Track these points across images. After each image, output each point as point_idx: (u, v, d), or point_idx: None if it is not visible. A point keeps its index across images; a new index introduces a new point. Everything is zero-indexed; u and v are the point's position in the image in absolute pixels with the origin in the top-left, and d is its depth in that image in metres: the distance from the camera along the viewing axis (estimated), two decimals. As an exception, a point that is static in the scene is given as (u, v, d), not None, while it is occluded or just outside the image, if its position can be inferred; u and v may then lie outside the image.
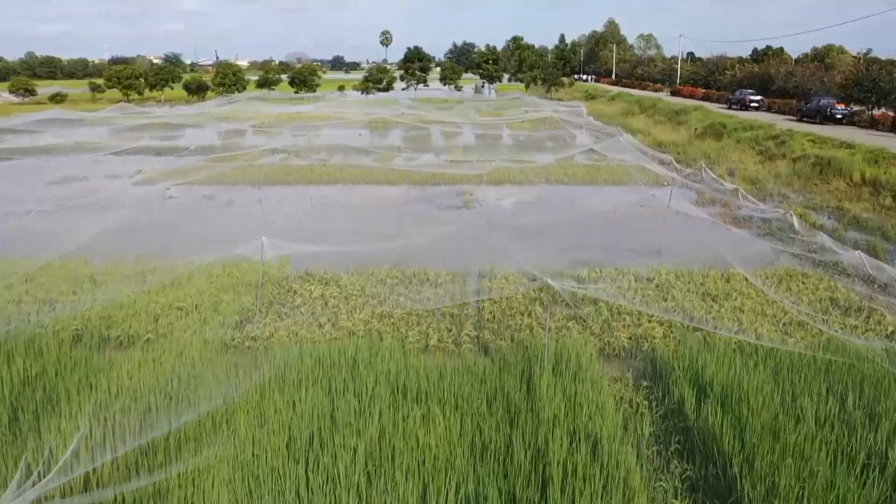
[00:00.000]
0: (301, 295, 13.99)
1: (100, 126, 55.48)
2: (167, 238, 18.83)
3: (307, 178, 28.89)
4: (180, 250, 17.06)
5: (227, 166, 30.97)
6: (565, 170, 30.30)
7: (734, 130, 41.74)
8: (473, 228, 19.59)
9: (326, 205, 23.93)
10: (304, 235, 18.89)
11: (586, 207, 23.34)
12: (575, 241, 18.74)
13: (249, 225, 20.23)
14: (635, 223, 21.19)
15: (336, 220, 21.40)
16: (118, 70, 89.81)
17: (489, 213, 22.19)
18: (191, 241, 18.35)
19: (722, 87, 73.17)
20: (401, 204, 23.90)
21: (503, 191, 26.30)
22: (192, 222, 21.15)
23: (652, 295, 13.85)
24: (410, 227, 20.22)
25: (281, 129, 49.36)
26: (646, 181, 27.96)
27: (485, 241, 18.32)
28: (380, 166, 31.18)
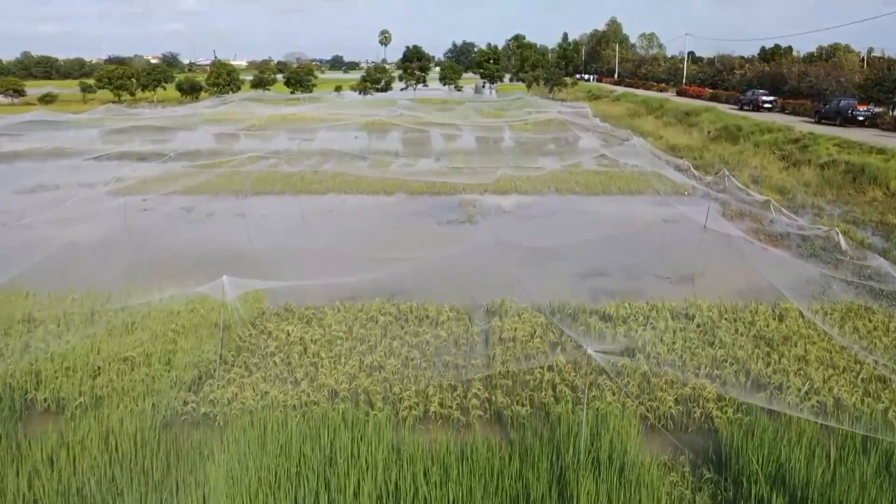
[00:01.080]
0: (276, 338, 11.72)
1: (85, 128, 53.22)
2: (130, 262, 16.55)
3: (296, 187, 26.62)
4: (142, 278, 14.81)
5: (212, 174, 28.71)
6: (575, 177, 28.04)
7: (751, 133, 39.48)
8: (478, 250, 17.32)
9: (314, 218, 21.66)
10: (286, 258, 16.67)
11: (603, 222, 21.06)
12: (594, 265, 16.47)
13: (226, 244, 17.97)
14: (659, 241, 18.92)
15: (323, 237, 19.12)
16: (109, 70, 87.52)
17: (495, 229, 19.93)
18: (155, 266, 16.07)
19: (730, 87, 70.91)
20: (397, 217, 21.63)
21: (509, 202, 24.05)
22: (161, 241, 18.84)
23: (696, 340, 11.57)
24: (407, 246, 17.96)
25: (272, 131, 47.08)
26: (664, 190, 25.73)
27: (492, 266, 16.05)
28: (375, 174, 28.92)
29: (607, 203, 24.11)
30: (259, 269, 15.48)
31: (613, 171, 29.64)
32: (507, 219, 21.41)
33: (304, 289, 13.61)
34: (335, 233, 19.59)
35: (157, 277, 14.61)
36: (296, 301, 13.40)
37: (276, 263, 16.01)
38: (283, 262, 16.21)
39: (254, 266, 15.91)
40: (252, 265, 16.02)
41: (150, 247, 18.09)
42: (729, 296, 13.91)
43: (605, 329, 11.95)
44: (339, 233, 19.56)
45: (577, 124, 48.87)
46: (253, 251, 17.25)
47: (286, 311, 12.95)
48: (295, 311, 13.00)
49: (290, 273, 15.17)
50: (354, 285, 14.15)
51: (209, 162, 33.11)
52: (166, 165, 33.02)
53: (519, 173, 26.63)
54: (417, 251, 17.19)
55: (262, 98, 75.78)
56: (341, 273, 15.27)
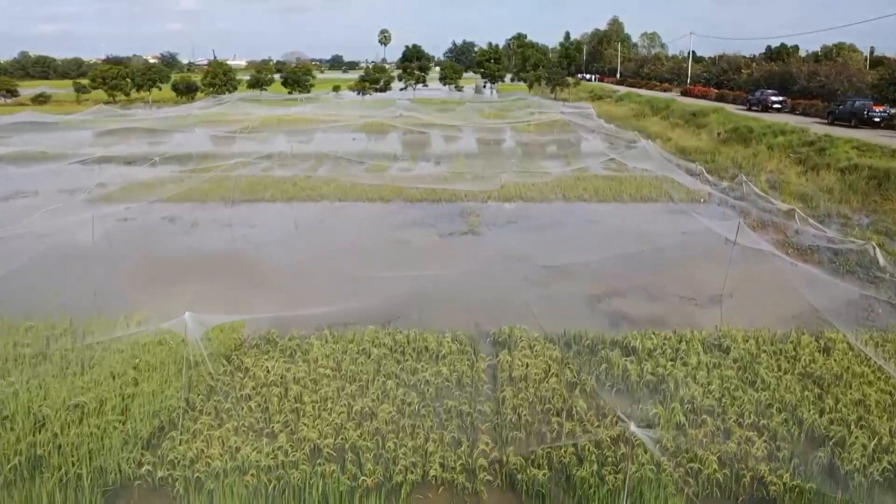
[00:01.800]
0: (254, 376, 10.24)
1: (75, 130, 51.67)
2: (100, 282, 15.07)
3: (288, 194, 25.13)
4: (109, 302, 13.36)
5: (200, 179, 27.24)
6: (583, 182, 26.55)
7: (763, 135, 37.95)
8: (483, 266, 15.84)
9: (305, 230, 20.18)
10: (271, 276, 15.18)
11: (616, 233, 19.56)
12: (610, 284, 14.97)
13: (207, 262, 16.48)
14: (680, 255, 17.42)
15: (314, 251, 17.62)
16: (104, 70, 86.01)
17: (500, 241, 18.43)
18: (127, 287, 14.60)
19: (737, 87, 69.38)
20: (395, 228, 20.14)
21: (514, 210, 22.56)
22: (135, 258, 17.34)
23: (734, 380, 10.08)
24: (405, 261, 16.50)
25: (267, 133, 45.58)
26: (678, 197, 24.26)
27: (498, 287, 14.59)
28: (372, 180, 27.45)
29: (619, 211, 22.61)
30: (241, 291, 14.09)
31: (623, 176, 28.15)
32: (512, 229, 19.92)
33: (288, 316, 12.15)
34: (327, 246, 18.08)
35: (125, 301, 13.14)
36: (279, 329, 11.92)
37: (259, 283, 14.55)
38: (268, 281, 14.74)
39: (235, 287, 14.49)
40: (233, 286, 14.60)
41: (124, 265, 16.57)
42: (764, 321, 12.44)
43: (629, 365, 10.47)
44: (331, 246, 18.05)
45: (581, 125, 47.37)
46: (235, 270, 15.78)
47: (267, 343, 11.47)
48: (277, 341, 11.52)
49: (275, 295, 13.74)
50: (346, 310, 12.71)
51: (199, 166, 31.66)
52: (154, 170, 31.56)
53: (524, 180, 25.12)
54: (416, 267, 15.74)
55: (258, 98, 74.33)
56: (332, 294, 13.83)
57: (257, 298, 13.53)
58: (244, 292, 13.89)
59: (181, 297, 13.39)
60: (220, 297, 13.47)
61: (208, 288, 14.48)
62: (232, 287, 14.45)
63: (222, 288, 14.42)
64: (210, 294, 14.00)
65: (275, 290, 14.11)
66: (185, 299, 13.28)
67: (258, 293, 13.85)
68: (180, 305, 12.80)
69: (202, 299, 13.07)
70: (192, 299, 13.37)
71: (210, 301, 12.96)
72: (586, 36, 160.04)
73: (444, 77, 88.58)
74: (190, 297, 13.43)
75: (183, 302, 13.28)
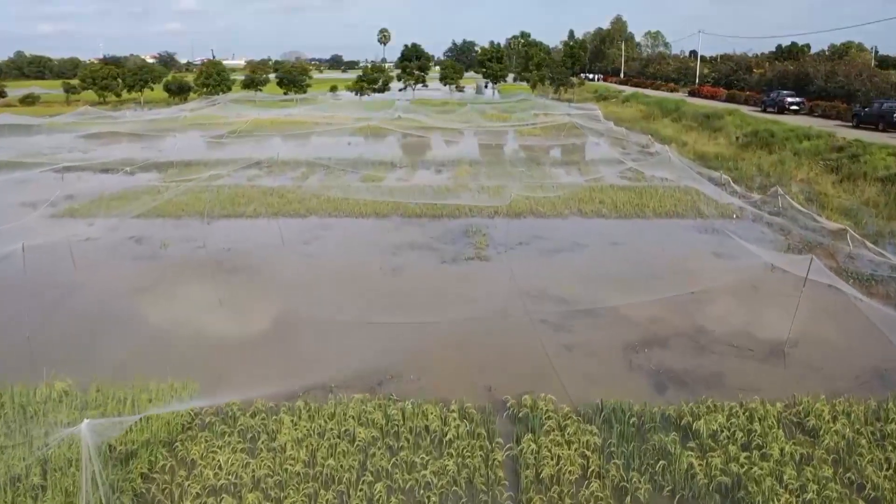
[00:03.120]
0: (199, 478, 7.77)
1: (57, 133, 49.17)
2: (32, 332, 12.59)
3: (273, 208, 22.65)
4: (29, 368, 10.89)
5: (178, 190, 24.74)
6: (599, 194, 24.08)
7: (786, 140, 35.48)
8: (494, 305, 13.38)
9: (287, 254, 17.68)
10: (238, 322, 12.69)
11: (644, 258, 17.07)
12: (648, 329, 12.50)
13: (166, 303, 13.97)
14: (722, 286, 14.92)
15: (292, 286, 15.12)
16: (94, 70, 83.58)
17: (512, 269, 15.93)
18: (59, 341, 12.14)
19: (748, 87, 66.94)
20: (390, 251, 17.64)
21: (526, 228, 20.06)
22: (83, 296, 14.81)
23: (837, 489, 7.60)
24: (400, 298, 14.03)
25: (256, 137, 43.08)
26: (707, 212, 21.81)
27: (513, 335, 12.12)
28: (367, 191, 25.01)
29: (643, 230, 20.13)
30: (190, 352, 11.58)
31: (642, 187, 25.69)
32: (524, 254, 17.41)
33: (254, 377, 9.71)
34: (308, 278, 15.56)
35: (53, 364, 10.67)
36: (241, 396, 9.46)
37: (223, 333, 12.05)
38: (228, 337, 12.16)
39: (193, 336, 12.02)
40: (191, 335, 12.13)
41: (64, 307, 14.05)
42: (847, 383, 10.00)
43: (693, 461, 8.00)
44: (314, 277, 15.54)
45: (589, 128, 44.88)
46: (199, 310, 13.29)
47: (223, 421, 8.99)
48: (238, 417, 9.05)
49: (234, 357, 11.22)
50: (328, 363, 10.30)
51: (180, 175, 29.19)
52: (131, 179, 29.14)
53: (535, 194, 22.62)
54: (414, 306, 13.30)
55: (252, 99, 71.86)
56: (309, 349, 11.39)
57: (214, 360, 11.06)
58: (193, 354, 11.34)
59: (123, 359, 10.96)
60: (157, 363, 10.81)
61: (153, 350, 11.90)
62: (189, 337, 11.96)
63: (174, 343, 11.88)
64: (157, 352, 11.53)
65: (235, 348, 11.56)
66: (129, 363, 10.88)
67: (213, 356, 11.33)
68: (121, 367, 10.41)
69: (127, 368, 10.61)
70: (138, 362, 10.97)
71: (143, 367, 10.48)
72: (588, 35, 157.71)
73: (445, 77, 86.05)
74: (135, 361, 11.02)
75: (127, 360, 10.89)
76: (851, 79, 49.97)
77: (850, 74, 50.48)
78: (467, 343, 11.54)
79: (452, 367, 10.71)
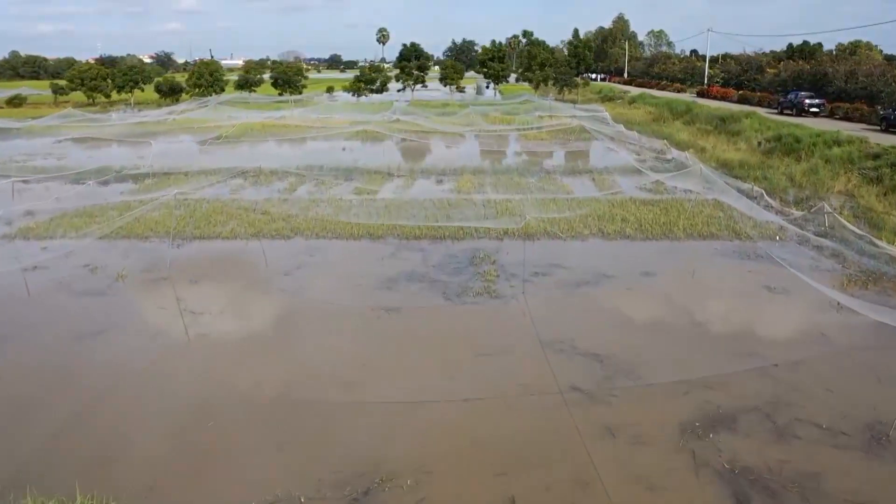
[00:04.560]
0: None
1: (38, 137, 46.70)
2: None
3: (254, 227, 20.06)
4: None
5: (151, 206, 22.14)
6: (620, 210, 21.52)
7: (813, 146, 32.87)
8: (511, 363, 10.81)
9: (263, 286, 15.10)
10: (171, 416, 10.09)
11: (684, 295, 14.50)
12: (703, 397, 9.91)
13: (90, 374, 11.38)
14: (784, 336, 12.35)
15: (262, 337, 12.55)
16: (82, 70, 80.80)
17: (529, 311, 13.33)
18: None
19: (760, 87, 64.37)
20: (384, 285, 15.06)
21: (541, 252, 17.47)
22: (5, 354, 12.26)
23: None
24: (395, 357, 11.44)
25: (245, 142, 40.50)
26: (745, 231, 19.24)
27: (539, 410, 9.54)
28: (360, 206, 22.46)
29: (676, 255, 17.55)
30: (130, 424, 9.03)
31: (665, 201, 23.12)
32: (542, 288, 14.81)
33: (196, 490, 7.14)
34: (283, 331, 12.90)
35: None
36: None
37: (157, 425, 9.45)
38: (172, 417, 9.63)
39: (119, 425, 9.45)
40: (113, 423, 9.57)
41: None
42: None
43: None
44: (288, 331, 12.87)
45: (599, 132, 42.30)
46: (129, 383, 10.70)
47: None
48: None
49: (174, 454, 8.65)
50: (293, 470, 7.73)
51: (155, 187, 26.62)
52: (102, 191, 26.60)
53: (550, 214, 20.04)
54: (410, 373, 10.71)
55: (244, 101, 69.22)
56: (271, 436, 8.82)
57: (142, 466, 8.49)
58: (117, 452, 8.77)
59: (34, 451, 8.40)
60: (59, 471, 8.34)
61: (46, 450, 9.42)
62: (91, 440, 9.38)
63: (71, 445, 9.31)
64: (42, 466, 8.96)
65: (169, 449, 8.98)
66: (42, 462, 8.35)
67: (141, 460, 8.75)
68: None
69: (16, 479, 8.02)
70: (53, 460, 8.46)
71: (41, 475, 7.90)
72: (590, 34, 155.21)
73: (445, 77, 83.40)
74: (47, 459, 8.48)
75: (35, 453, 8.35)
76: (874, 79, 47.39)
77: (873, 75, 47.91)
78: (480, 427, 8.97)
79: (462, 466, 8.14)
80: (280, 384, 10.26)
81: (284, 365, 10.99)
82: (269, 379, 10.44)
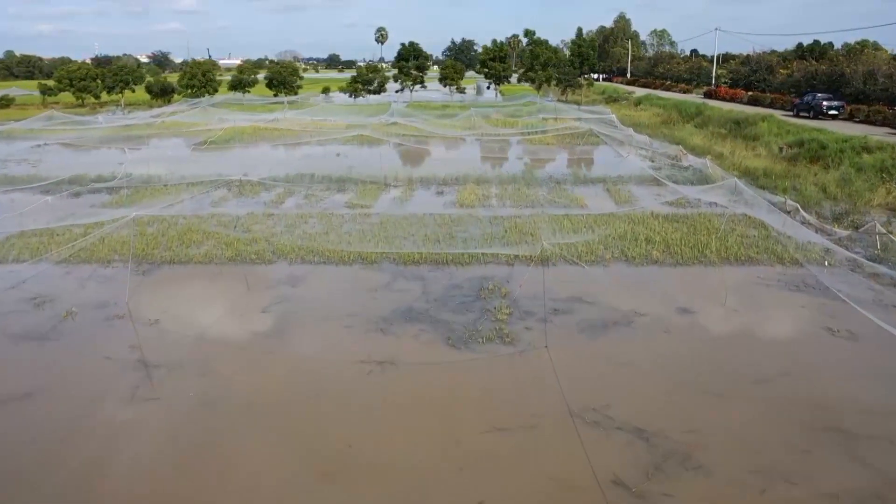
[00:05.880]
0: None
1: (18, 141, 44.45)
2: None
3: (232, 249, 17.76)
4: None
5: (122, 222, 19.85)
6: (643, 228, 19.28)
7: (840, 152, 30.64)
8: (537, 447, 8.55)
9: (233, 332, 12.81)
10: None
11: (732, 339, 12.23)
12: (789, 498, 7.67)
13: (19, 434, 9.11)
14: (866, 401, 10.08)
15: (222, 411, 10.27)
16: (71, 70, 78.38)
17: (555, 364, 11.05)
18: None
19: (772, 88, 62.16)
20: (376, 326, 12.78)
21: (558, 282, 15.16)
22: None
23: None
24: (385, 433, 9.17)
25: (232, 148, 38.20)
26: (787, 255, 16.99)
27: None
28: (353, 222, 20.19)
29: (711, 285, 15.26)
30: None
31: (690, 217, 20.87)
32: (564, 331, 12.53)
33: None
34: (249, 401, 10.57)
35: None
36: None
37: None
38: None
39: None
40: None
41: None
42: None
43: None
44: (256, 404, 10.55)
45: (608, 136, 39.98)
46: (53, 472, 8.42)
47: None
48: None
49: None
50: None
51: (131, 198, 24.35)
52: (72, 204, 24.35)
53: (566, 239, 17.76)
54: (406, 457, 8.44)
55: (237, 102, 66.93)
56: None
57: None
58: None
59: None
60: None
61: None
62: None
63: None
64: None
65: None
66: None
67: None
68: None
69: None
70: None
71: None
72: (591, 33, 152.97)
73: (445, 77, 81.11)
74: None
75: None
76: (895, 80, 45.18)
77: (894, 75, 45.68)
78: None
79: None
80: (246, 481, 8.00)
81: (249, 455, 8.73)
82: (230, 476, 8.18)
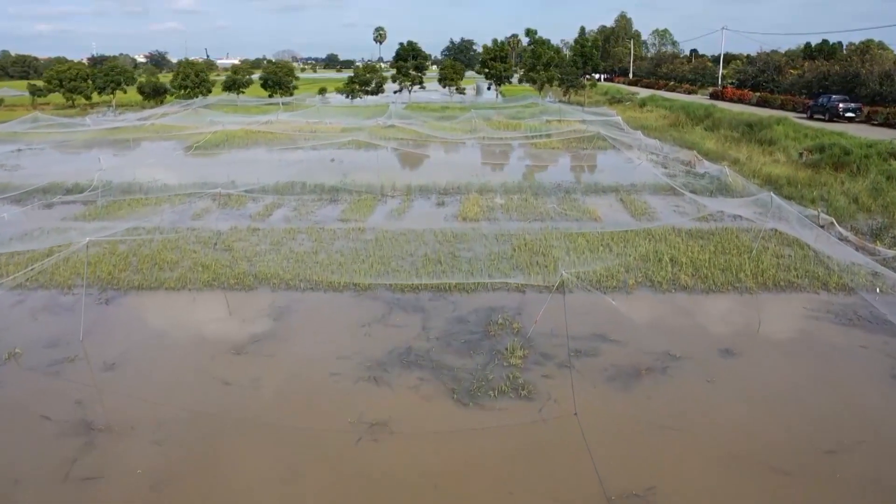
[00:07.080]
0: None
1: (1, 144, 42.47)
2: None
3: (209, 272, 15.88)
4: None
5: (96, 237, 17.94)
6: (666, 247, 17.43)
7: (865, 157, 28.85)
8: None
9: (200, 384, 10.92)
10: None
11: (786, 392, 10.38)
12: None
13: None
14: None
15: (182, 472, 8.42)
16: (61, 70, 76.42)
17: (583, 430, 9.20)
18: None
19: (781, 89, 60.37)
20: (369, 373, 10.92)
21: (578, 315, 13.20)
22: None
23: None
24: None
25: (219, 153, 36.31)
26: (831, 279, 15.16)
27: None
28: (345, 239, 18.33)
29: (752, 318, 13.42)
30: None
31: (715, 232, 19.02)
32: (590, 380, 10.67)
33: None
34: (211, 482, 8.75)
35: None
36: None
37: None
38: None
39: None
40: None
41: None
42: None
43: None
44: (215, 485, 8.73)
45: (615, 140, 38.14)
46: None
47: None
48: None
49: None
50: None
51: (108, 210, 22.50)
52: (43, 216, 22.49)
53: (586, 266, 15.87)
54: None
55: (231, 103, 65.03)
56: None
57: None
58: None
59: None
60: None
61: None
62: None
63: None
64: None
65: None
66: None
67: None
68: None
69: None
70: None
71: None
72: (592, 33, 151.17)
73: (444, 78, 79.23)
74: None
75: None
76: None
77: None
78: None
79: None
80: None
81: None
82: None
